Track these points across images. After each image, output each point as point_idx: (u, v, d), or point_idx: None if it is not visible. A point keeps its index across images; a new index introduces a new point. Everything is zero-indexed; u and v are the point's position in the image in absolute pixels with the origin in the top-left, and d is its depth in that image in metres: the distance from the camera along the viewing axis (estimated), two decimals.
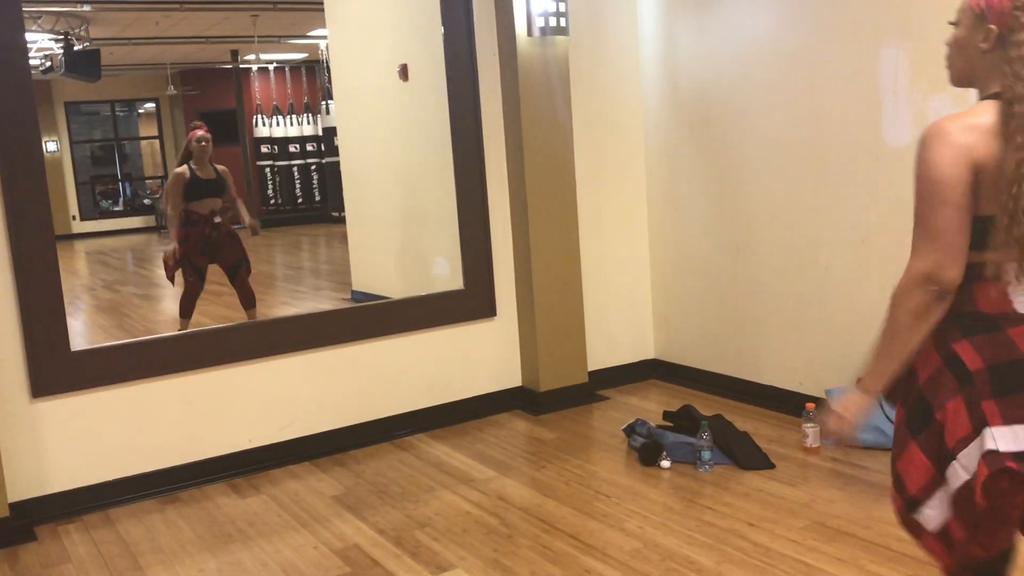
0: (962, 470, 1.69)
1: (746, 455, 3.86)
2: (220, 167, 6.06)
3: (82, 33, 8.82)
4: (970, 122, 1.71)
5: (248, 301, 6.05)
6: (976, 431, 1.67)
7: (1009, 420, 1.64)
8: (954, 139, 1.69)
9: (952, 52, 1.86)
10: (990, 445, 1.63)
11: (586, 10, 4.91)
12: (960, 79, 1.86)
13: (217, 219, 5.89)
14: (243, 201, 6.39)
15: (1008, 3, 1.74)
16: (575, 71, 4.82)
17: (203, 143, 5.91)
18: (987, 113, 1.72)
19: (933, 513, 1.77)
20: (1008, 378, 1.67)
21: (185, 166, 5.93)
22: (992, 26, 1.75)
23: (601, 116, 5.04)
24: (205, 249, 5.90)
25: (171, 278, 5.98)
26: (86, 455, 3.88)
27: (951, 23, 1.85)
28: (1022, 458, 1.63)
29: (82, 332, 6.53)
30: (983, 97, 1.78)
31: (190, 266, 5.87)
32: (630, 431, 4.19)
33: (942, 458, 1.74)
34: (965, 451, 1.68)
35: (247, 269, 6.10)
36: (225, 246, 5.97)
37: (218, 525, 3.64)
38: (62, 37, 8.51)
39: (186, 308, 5.86)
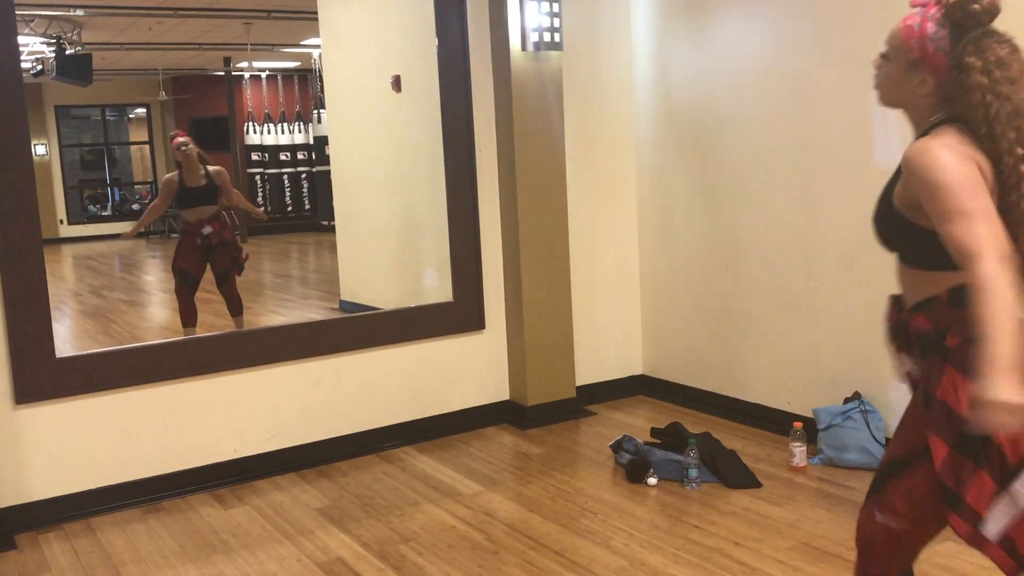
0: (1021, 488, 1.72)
1: (733, 473, 3.86)
2: (213, 168, 5.99)
3: (74, 37, 8.80)
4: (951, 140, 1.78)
5: (234, 308, 6.02)
6: None
7: None
8: (953, 145, 1.75)
9: (883, 83, 1.91)
10: None
11: (581, 26, 4.93)
12: (892, 105, 1.94)
13: (206, 230, 5.82)
14: (241, 196, 6.30)
15: (944, 61, 1.80)
16: (568, 86, 4.83)
17: (183, 148, 5.84)
18: (955, 135, 1.79)
19: (995, 525, 1.77)
20: None
21: (175, 173, 5.90)
22: (928, 77, 1.83)
23: (594, 132, 5.05)
24: (194, 256, 5.86)
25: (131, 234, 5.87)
26: (69, 463, 3.84)
27: (882, 54, 1.91)
28: None
29: (67, 338, 6.48)
30: (931, 123, 1.84)
31: (180, 273, 5.84)
32: (617, 447, 4.18)
33: (1005, 475, 1.75)
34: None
35: (235, 275, 6.05)
36: (217, 253, 5.93)
37: (201, 536, 3.60)
38: (54, 41, 8.48)
39: (187, 317, 5.81)
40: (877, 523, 1.98)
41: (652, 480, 3.88)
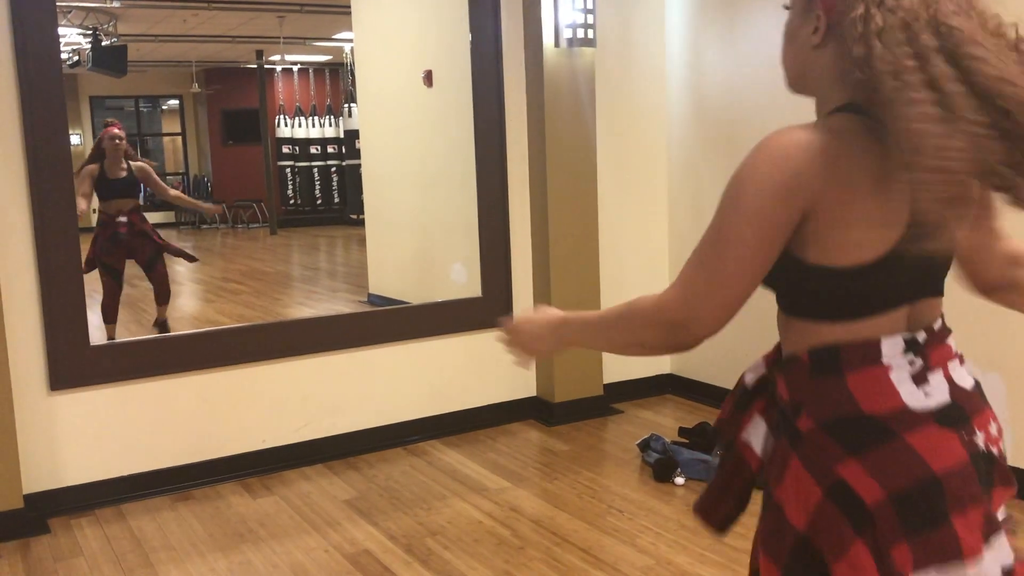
0: None
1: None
2: (137, 164, 5.97)
3: (110, 29, 8.90)
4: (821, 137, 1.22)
5: (161, 296, 6.01)
6: None
7: (924, 564, 1.16)
8: (811, 146, 1.22)
9: (784, 45, 1.37)
10: None
11: (614, 22, 4.91)
12: (792, 83, 1.42)
13: (121, 219, 5.82)
14: (180, 193, 6.27)
15: None
16: (601, 83, 4.82)
17: (116, 141, 5.81)
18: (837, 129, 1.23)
19: None
20: (919, 509, 1.16)
21: (96, 164, 5.80)
22: (820, 12, 1.25)
23: (625, 128, 5.03)
24: (114, 250, 5.82)
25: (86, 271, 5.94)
26: (101, 449, 3.89)
27: (785, 6, 1.36)
28: None
29: (99, 326, 6.56)
30: (829, 110, 1.30)
31: (103, 267, 5.80)
32: (644, 446, 4.17)
33: None
34: None
35: (163, 263, 6.06)
36: (136, 245, 5.92)
37: (230, 524, 3.64)
38: (91, 32, 8.58)
39: (108, 312, 5.78)
40: None
41: (679, 480, 3.87)
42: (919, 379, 1.22)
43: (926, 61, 1.10)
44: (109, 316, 5.79)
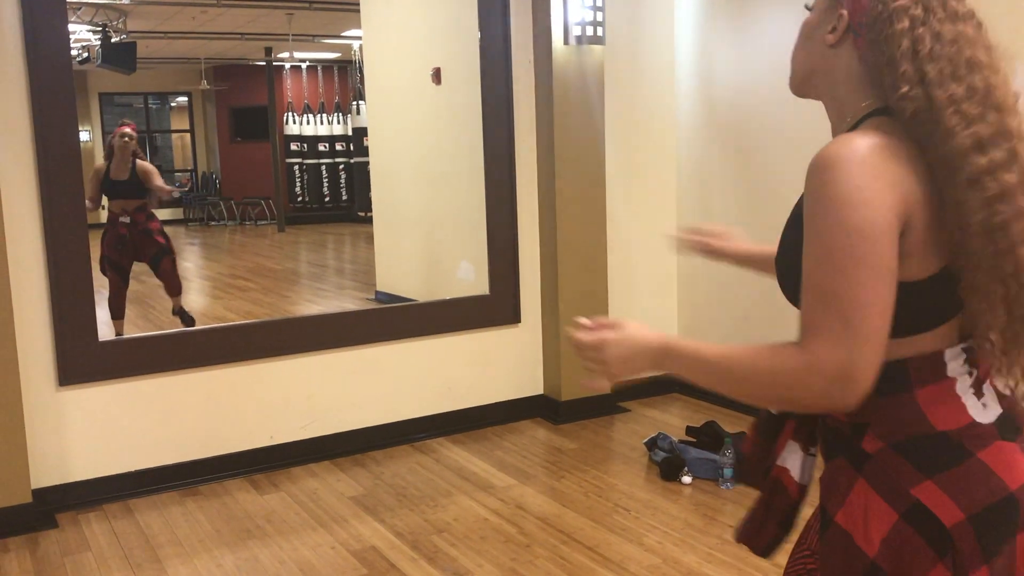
0: None
1: None
2: (142, 165, 6.03)
3: (120, 25, 8.91)
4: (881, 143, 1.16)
5: (172, 289, 6.10)
6: None
7: None
8: (878, 157, 1.14)
9: (797, 43, 1.35)
10: None
11: (623, 20, 4.90)
12: (798, 83, 1.38)
13: (124, 219, 5.89)
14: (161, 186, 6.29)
15: None
16: (610, 81, 4.81)
17: (125, 139, 5.91)
18: (881, 136, 1.17)
19: None
20: (996, 528, 1.13)
21: (104, 164, 5.94)
22: (844, 12, 1.24)
23: (634, 127, 5.02)
24: (118, 247, 5.90)
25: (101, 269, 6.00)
26: (109, 445, 3.90)
27: (806, 6, 1.35)
28: None
29: (108, 322, 6.58)
30: (861, 114, 1.24)
31: (109, 264, 5.88)
32: (652, 445, 4.16)
33: None
34: None
35: (171, 261, 6.14)
36: (140, 243, 5.99)
37: (236, 520, 3.64)
38: (100, 29, 8.59)
39: (115, 308, 5.86)
40: None
41: (686, 478, 3.86)
42: (977, 391, 1.19)
43: (984, 110, 1.12)
44: (116, 312, 5.84)
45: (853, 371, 1.10)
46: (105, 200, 5.96)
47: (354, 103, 11.77)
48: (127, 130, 5.98)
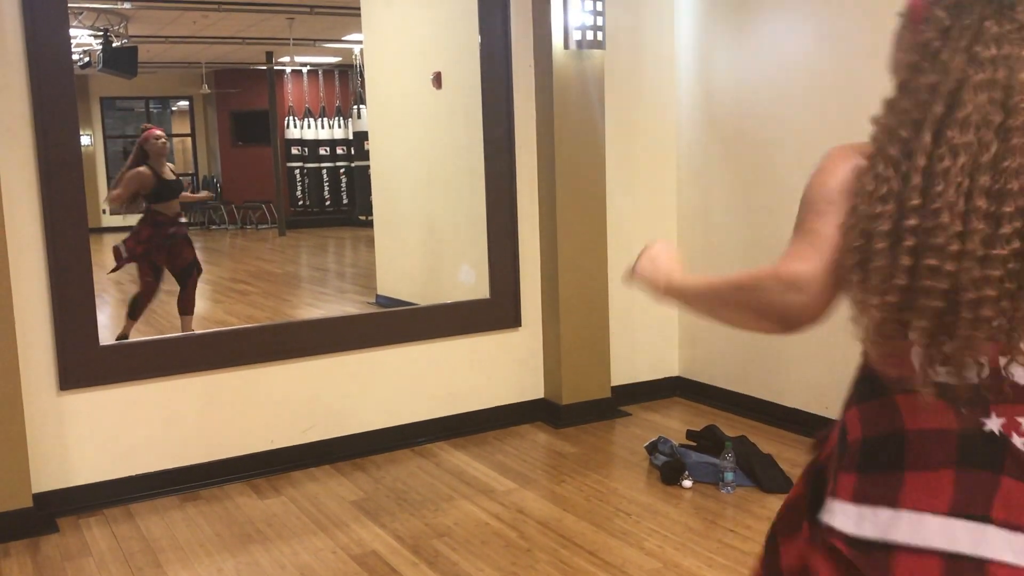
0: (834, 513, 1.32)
1: (769, 478, 3.83)
2: (173, 167, 6.07)
3: (121, 30, 8.93)
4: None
5: (187, 307, 5.96)
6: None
7: (860, 499, 1.29)
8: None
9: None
10: (826, 519, 1.31)
11: (623, 24, 4.90)
12: None
13: (183, 219, 5.90)
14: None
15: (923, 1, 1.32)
16: (610, 85, 4.82)
17: (161, 140, 5.87)
18: None
19: None
20: (879, 453, 1.31)
21: (145, 166, 5.82)
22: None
23: (635, 131, 5.03)
24: (166, 249, 5.86)
25: (116, 269, 5.92)
26: (110, 449, 3.90)
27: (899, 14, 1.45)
28: (856, 545, 1.27)
29: (108, 325, 6.58)
30: None
31: (150, 266, 5.82)
32: (652, 448, 4.16)
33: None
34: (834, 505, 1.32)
35: (198, 272, 6.08)
36: (182, 249, 5.97)
37: (237, 525, 3.64)
38: (101, 33, 8.61)
39: (138, 308, 5.78)
40: None
41: (687, 482, 3.86)
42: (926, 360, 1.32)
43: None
44: (136, 312, 5.75)
45: (803, 282, 1.35)
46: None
47: (355, 107, 11.79)
48: (157, 131, 5.97)
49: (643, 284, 1.59)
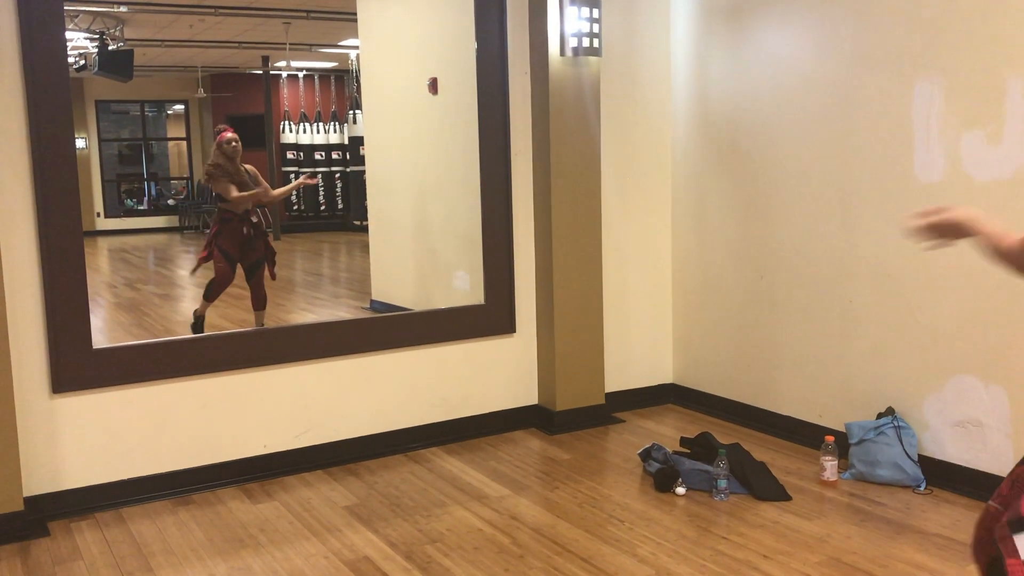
0: None
1: (763, 486, 3.83)
2: (248, 167, 6.14)
3: (117, 33, 8.92)
4: None
5: (259, 302, 6.10)
6: None
7: None
8: None
9: None
10: None
11: (619, 32, 4.92)
12: None
13: (255, 218, 6.00)
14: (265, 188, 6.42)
15: None
16: (606, 92, 4.83)
17: (234, 143, 6.02)
18: None
19: None
20: None
21: (225, 165, 6.01)
22: None
23: (630, 138, 5.04)
24: (238, 243, 5.99)
25: (195, 268, 6.05)
26: (102, 453, 3.89)
27: None
28: None
29: (102, 329, 6.56)
30: None
31: (223, 255, 5.95)
32: (646, 455, 4.16)
33: None
34: None
35: (268, 269, 6.14)
36: (256, 244, 6.06)
37: (229, 529, 3.63)
38: (97, 36, 8.60)
39: (214, 293, 5.94)
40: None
41: (680, 490, 3.86)
42: None
43: None
44: (212, 296, 5.93)
45: None
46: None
47: (351, 112, 11.79)
48: (230, 134, 6.07)
49: (968, 228, 1.76)
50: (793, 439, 4.48)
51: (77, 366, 3.81)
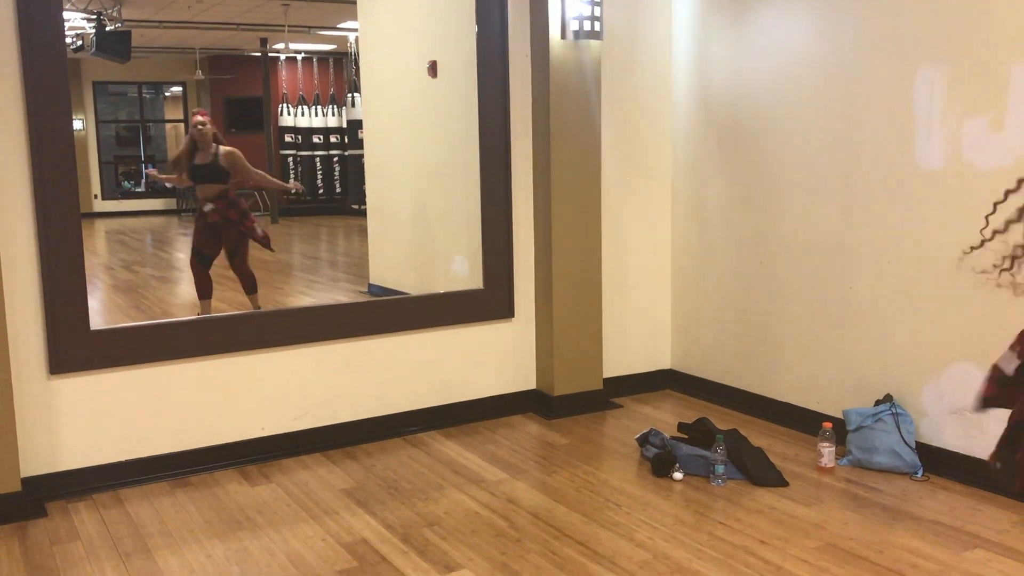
0: None
1: (760, 471, 3.83)
2: (225, 149, 6.06)
3: (115, 14, 8.87)
4: None
5: (248, 286, 6.07)
6: None
7: None
8: None
9: None
10: None
11: (621, 15, 4.89)
12: None
13: (208, 207, 5.93)
14: (265, 174, 6.39)
15: None
16: (607, 76, 4.81)
17: (199, 127, 5.97)
18: None
19: None
20: None
21: (189, 148, 6.01)
22: None
23: (630, 122, 5.02)
24: (202, 235, 5.97)
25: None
26: (99, 434, 3.89)
27: None
28: None
29: (99, 311, 6.55)
30: None
31: (193, 251, 5.97)
32: (643, 441, 4.16)
33: None
34: None
35: (244, 253, 6.10)
36: (223, 231, 6.01)
37: (227, 511, 3.63)
38: (95, 17, 8.55)
39: (201, 292, 5.94)
40: None
41: (678, 475, 3.87)
42: None
43: None
44: (203, 293, 5.91)
45: None
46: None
47: (349, 95, 11.75)
48: (199, 117, 6.03)
49: None
50: (791, 425, 4.49)
51: (75, 347, 3.80)
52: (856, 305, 4.18)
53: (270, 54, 12.19)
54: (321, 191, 12.95)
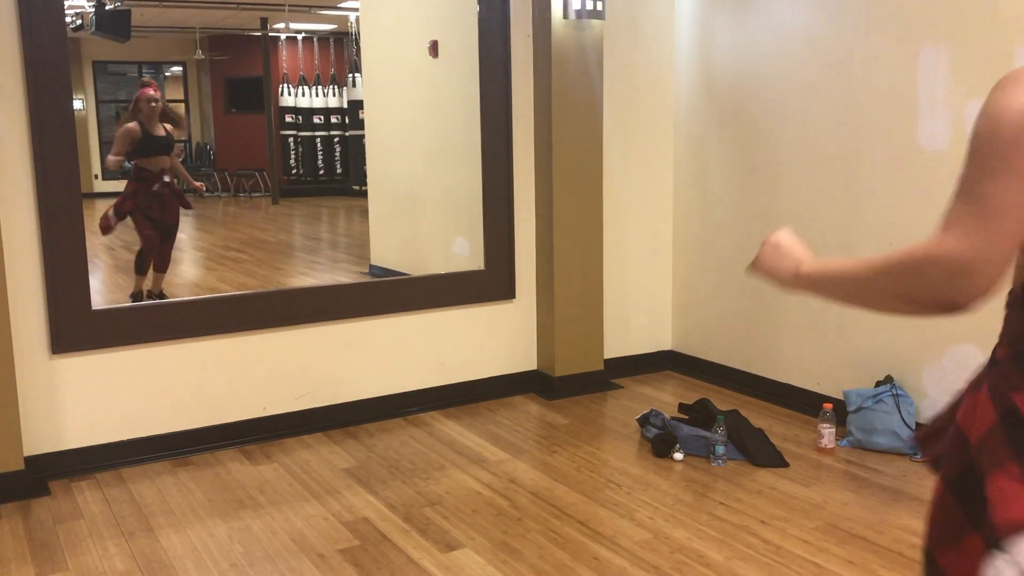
0: (1008, 567, 1.12)
1: (760, 452, 3.85)
2: (168, 127, 6.07)
3: None
4: None
5: (164, 265, 6.04)
6: None
7: None
8: None
9: None
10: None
11: None
12: None
13: (167, 178, 5.92)
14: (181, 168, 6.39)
15: None
16: (609, 56, 4.78)
17: (152, 103, 5.92)
18: None
19: None
20: None
21: (135, 123, 5.92)
22: None
23: (633, 103, 5.00)
24: (156, 204, 5.92)
25: (106, 231, 6.00)
26: (102, 413, 3.90)
27: None
28: None
29: (100, 290, 6.56)
30: None
31: (145, 220, 5.88)
32: (644, 421, 4.18)
33: (987, 543, 1.18)
34: (1017, 542, 1.12)
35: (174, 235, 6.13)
36: (170, 206, 6.01)
37: (229, 491, 3.65)
38: None
39: (143, 264, 5.88)
40: None
41: (678, 455, 3.88)
42: None
43: None
44: (143, 267, 5.85)
45: (973, 266, 1.11)
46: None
47: (350, 75, 11.69)
48: (151, 92, 5.98)
49: (768, 275, 1.45)
50: (791, 406, 4.50)
51: (76, 327, 3.80)
52: None
53: (270, 34, 12.14)
54: (322, 171, 12.92)
